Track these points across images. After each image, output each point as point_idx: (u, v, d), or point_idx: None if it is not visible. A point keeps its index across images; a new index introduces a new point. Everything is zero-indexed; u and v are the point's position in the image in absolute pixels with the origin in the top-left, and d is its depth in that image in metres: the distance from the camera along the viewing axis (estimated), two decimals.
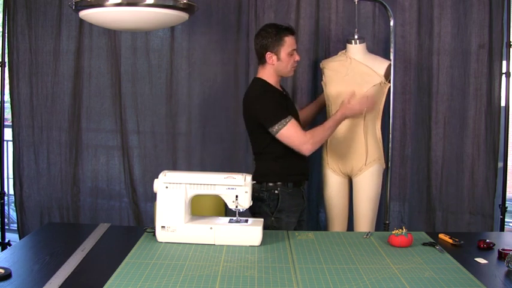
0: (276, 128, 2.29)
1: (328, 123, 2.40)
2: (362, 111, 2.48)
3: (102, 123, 3.20)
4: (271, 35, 2.38)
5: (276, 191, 2.38)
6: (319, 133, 2.37)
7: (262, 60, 2.43)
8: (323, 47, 3.02)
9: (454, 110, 2.99)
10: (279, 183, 2.39)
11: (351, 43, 2.68)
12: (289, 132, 2.30)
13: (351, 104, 2.40)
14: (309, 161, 2.62)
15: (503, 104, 2.95)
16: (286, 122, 2.29)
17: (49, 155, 3.20)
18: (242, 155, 3.12)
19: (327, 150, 2.72)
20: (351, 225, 2.80)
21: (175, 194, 1.93)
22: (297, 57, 2.44)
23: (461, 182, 3.01)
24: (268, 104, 2.35)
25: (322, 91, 2.76)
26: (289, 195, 2.41)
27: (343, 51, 2.74)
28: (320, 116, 3.03)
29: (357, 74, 2.61)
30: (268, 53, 2.39)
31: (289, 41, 2.39)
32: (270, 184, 2.39)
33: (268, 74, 2.43)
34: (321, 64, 2.78)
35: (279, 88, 2.48)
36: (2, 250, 3.11)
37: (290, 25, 2.45)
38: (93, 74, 3.15)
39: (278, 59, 2.39)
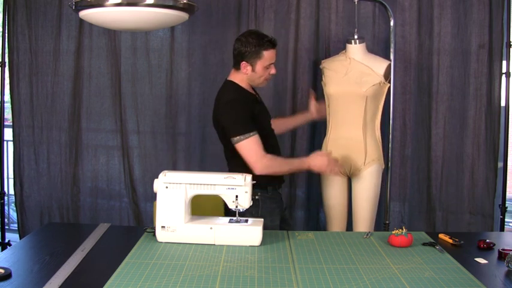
0: (238, 138, 2.22)
1: (293, 163, 2.37)
2: (327, 172, 2.40)
3: (102, 123, 3.20)
4: (251, 45, 2.29)
5: (257, 197, 2.31)
6: (278, 163, 2.29)
7: (236, 66, 2.36)
8: (323, 47, 3.02)
9: (454, 110, 2.99)
10: (256, 189, 2.27)
11: (350, 43, 2.68)
12: (250, 146, 2.22)
13: (323, 161, 2.34)
14: None
15: (503, 104, 2.95)
16: (250, 136, 2.22)
17: (49, 155, 3.20)
18: None
19: (326, 149, 2.71)
20: (350, 225, 2.80)
21: (175, 194, 1.93)
22: (273, 71, 2.37)
23: (461, 182, 3.01)
24: (237, 113, 2.27)
25: (322, 91, 2.76)
26: (270, 199, 2.37)
27: (344, 51, 2.74)
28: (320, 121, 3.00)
29: (356, 74, 2.61)
30: (244, 62, 2.32)
31: (267, 55, 2.32)
32: None
33: (241, 79, 2.37)
34: (321, 64, 2.78)
35: (252, 91, 2.43)
36: (2, 250, 3.11)
37: (273, 37, 2.35)
38: (93, 74, 3.15)
39: (253, 70, 2.33)
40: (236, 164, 2.31)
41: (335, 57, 2.76)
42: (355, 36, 2.67)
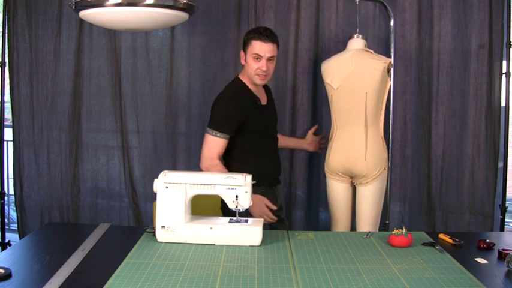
0: (210, 130, 2.34)
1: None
2: (257, 216, 2.39)
3: (102, 123, 3.20)
4: (246, 35, 2.43)
5: None
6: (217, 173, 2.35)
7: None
8: (323, 47, 3.02)
9: (454, 110, 2.99)
10: None
11: (352, 38, 2.63)
12: (211, 144, 2.34)
13: (260, 207, 2.38)
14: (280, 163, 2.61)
15: (503, 104, 2.95)
16: (217, 136, 2.33)
17: (49, 155, 3.20)
18: None
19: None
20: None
21: (175, 194, 1.93)
22: (263, 67, 2.35)
23: (461, 182, 3.01)
24: (225, 110, 2.37)
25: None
26: (262, 195, 2.38)
27: (364, 46, 2.64)
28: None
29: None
30: (242, 51, 2.44)
31: (255, 45, 2.34)
32: None
33: (247, 77, 2.43)
34: (391, 64, 2.59)
35: (255, 93, 2.44)
36: (2, 250, 3.11)
37: (268, 32, 2.37)
38: (93, 74, 3.15)
39: (245, 60, 2.42)
40: (227, 155, 2.42)
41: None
42: (356, 34, 2.62)
